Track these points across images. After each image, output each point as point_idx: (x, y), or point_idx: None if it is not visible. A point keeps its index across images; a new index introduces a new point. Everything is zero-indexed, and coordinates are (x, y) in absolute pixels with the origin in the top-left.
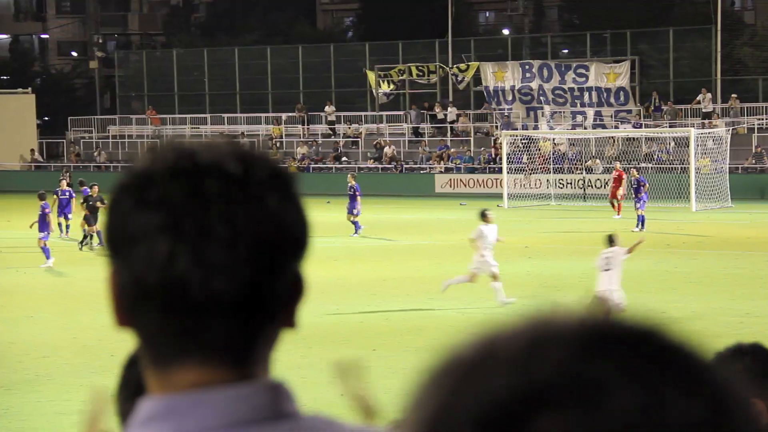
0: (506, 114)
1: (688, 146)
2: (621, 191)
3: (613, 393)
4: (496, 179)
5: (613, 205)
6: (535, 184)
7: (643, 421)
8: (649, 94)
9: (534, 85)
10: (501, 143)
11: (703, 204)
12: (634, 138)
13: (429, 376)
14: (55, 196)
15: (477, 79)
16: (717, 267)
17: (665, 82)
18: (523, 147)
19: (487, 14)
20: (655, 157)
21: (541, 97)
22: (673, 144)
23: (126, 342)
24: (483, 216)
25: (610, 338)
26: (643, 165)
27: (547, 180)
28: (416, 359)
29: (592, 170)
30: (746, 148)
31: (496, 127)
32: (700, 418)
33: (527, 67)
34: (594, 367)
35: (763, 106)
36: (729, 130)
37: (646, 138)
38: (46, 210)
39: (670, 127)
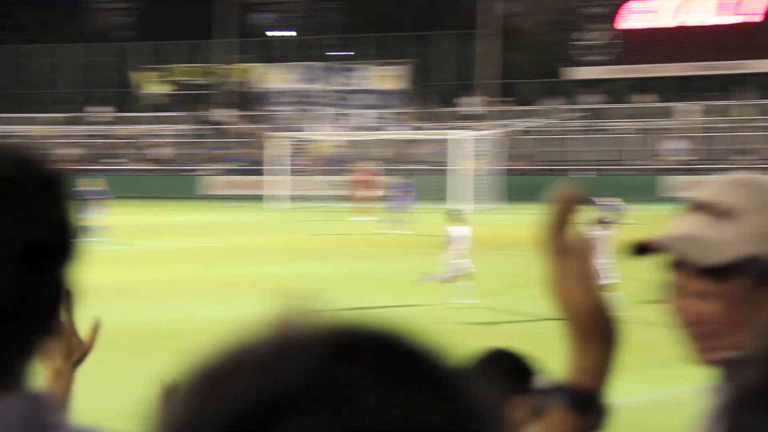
0: (282, 115)
1: (459, 148)
2: (373, 193)
3: (358, 396)
4: (270, 181)
5: (363, 208)
6: (311, 186)
7: (385, 422)
8: (425, 97)
9: (311, 86)
10: (276, 145)
11: (479, 205)
12: (409, 140)
13: (178, 383)
14: None
15: (253, 80)
16: (488, 267)
17: (441, 85)
18: (299, 149)
19: (266, 15)
20: (429, 158)
21: (318, 99)
22: (446, 146)
23: None
24: (453, 217)
25: (358, 343)
26: (418, 166)
27: (323, 181)
28: (173, 365)
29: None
30: (519, 150)
31: (271, 128)
32: (442, 419)
33: (304, 69)
34: (340, 372)
35: (534, 109)
36: (502, 132)
37: (420, 140)
38: None
39: (444, 129)
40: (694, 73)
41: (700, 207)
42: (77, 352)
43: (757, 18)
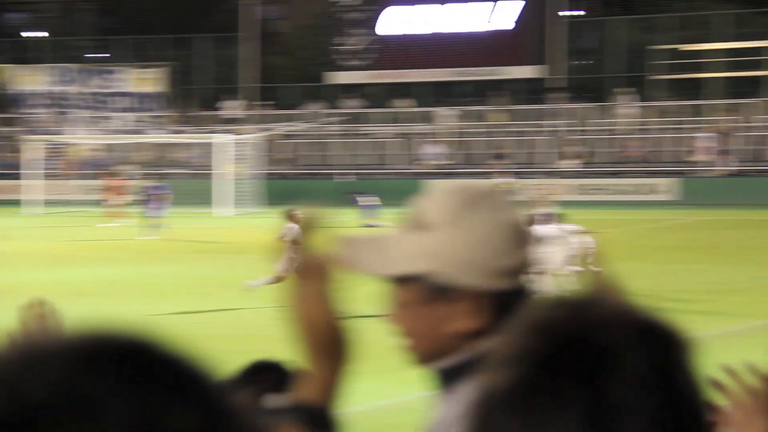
0: (37, 118)
1: (222, 152)
2: (123, 198)
3: (109, 407)
4: (27, 185)
5: (113, 213)
6: (67, 190)
7: (136, 431)
8: (182, 100)
9: (67, 89)
10: (32, 148)
11: (238, 209)
12: (168, 143)
13: None
14: None
15: (5, 82)
16: (252, 271)
17: (199, 88)
18: (56, 152)
19: (17, 15)
20: (191, 162)
21: (74, 102)
22: (206, 149)
23: None
24: (290, 216)
25: (106, 354)
26: (179, 170)
27: (79, 186)
28: None
29: (127, 176)
30: (278, 154)
31: (27, 131)
32: (193, 426)
33: (59, 70)
34: (90, 383)
35: (292, 113)
36: (262, 136)
37: (179, 143)
38: None
39: (203, 132)
40: (451, 78)
41: (408, 219)
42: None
43: (509, 26)
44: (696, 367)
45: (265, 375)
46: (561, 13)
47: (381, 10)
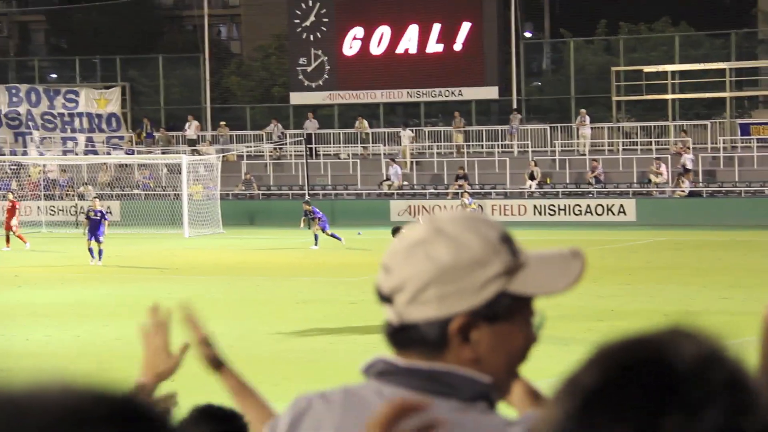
0: None
1: (180, 173)
2: (15, 221)
3: None
4: None
5: (7, 238)
6: (25, 212)
7: None
8: (140, 121)
9: (22, 109)
10: None
11: (196, 230)
12: (126, 164)
13: None
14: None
15: None
16: (210, 292)
17: (156, 109)
18: (12, 173)
19: None
20: (142, 183)
21: (30, 122)
22: (165, 170)
23: None
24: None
25: (90, 408)
26: (135, 191)
27: (38, 207)
28: None
29: (84, 197)
30: (236, 175)
31: None
32: None
33: (14, 91)
34: None
35: (250, 134)
36: (219, 157)
37: (138, 164)
38: None
39: (162, 153)
40: (410, 99)
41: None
42: (165, 369)
43: (470, 47)
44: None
45: (212, 421)
46: (525, 34)
47: (340, 31)
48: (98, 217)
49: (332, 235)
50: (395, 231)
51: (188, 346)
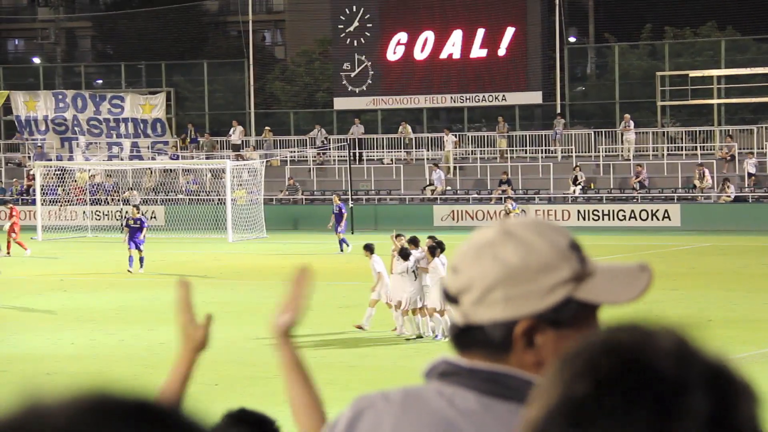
0: (39, 144)
1: (224, 178)
2: (7, 225)
3: None
4: (30, 211)
5: (8, 244)
6: (71, 216)
7: None
8: (184, 126)
9: (68, 115)
10: (34, 174)
11: (239, 235)
12: (171, 169)
13: None
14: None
15: (7, 108)
16: (254, 297)
17: (201, 114)
18: (58, 178)
19: (17, 42)
20: (186, 188)
21: (76, 128)
22: (209, 175)
23: None
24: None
25: (107, 412)
26: (180, 196)
27: (84, 212)
28: None
29: (129, 201)
30: (280, 180)
31: (29, 157)
32: None
33: (60, 96)
34: None
35: (294, 139)
36: (263, 162)
37: (183, 169)
38: None
39: (207, 158)
40: (455, 105)
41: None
42: (199, 340)
43: (514, 52)
44: (761, 421)
45: (242, 425)
46: (569, 39)
47: (384, 36)
48: (138, 225)
49: (342, 241)
50: (367, 247)
51: (212, 317)
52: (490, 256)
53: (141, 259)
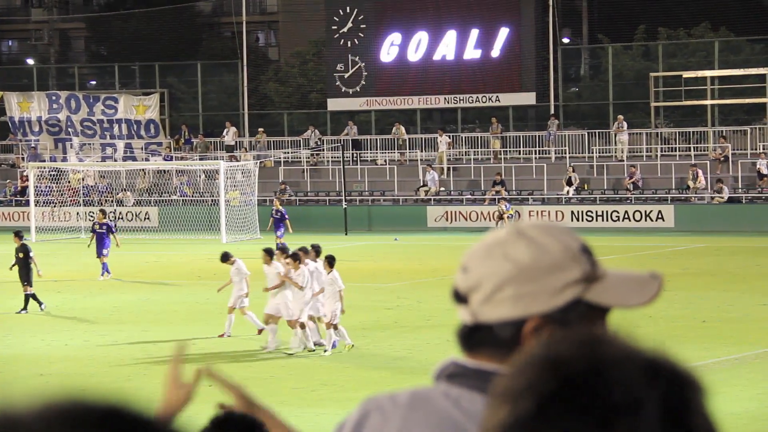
0: (33, 145)
1: (217, 179)
2: None
3: None
4: (23, 212)
5: None
6: (65, 217)
7: None
8: (178, 127)
9: (62, 116)
10: (28, 175)
11: (233, 236)
12: (164, 170)
13: None
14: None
15: (1, 109)
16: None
17: (195, 115)
18: (52, 179)
19: (10, 43)
20: (179, 190)
21: (70, 129)
22: (203, 176)
23: None
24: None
25: (78, 418)
26: (173, 197)
27: (77, 212)
28: None
29: (123, 202)
30: (273, 181)
31: (23, 158)
32: None
33: (54, 97)
34: None
35: (287, 140)
36: (257, 163)
37: (176, 170)
38: None
39: (200, 159)
40: (448, 105)
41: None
42: (177, 400)
43: (507, 53)
44: (709, 408)
45: (233, 430)
46: (563, 39)
47: (378, 37)
48: (104, 230)
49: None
50: (224, 257)
51: (201, 374)
52: (500, 254)
53: (104, 265)
